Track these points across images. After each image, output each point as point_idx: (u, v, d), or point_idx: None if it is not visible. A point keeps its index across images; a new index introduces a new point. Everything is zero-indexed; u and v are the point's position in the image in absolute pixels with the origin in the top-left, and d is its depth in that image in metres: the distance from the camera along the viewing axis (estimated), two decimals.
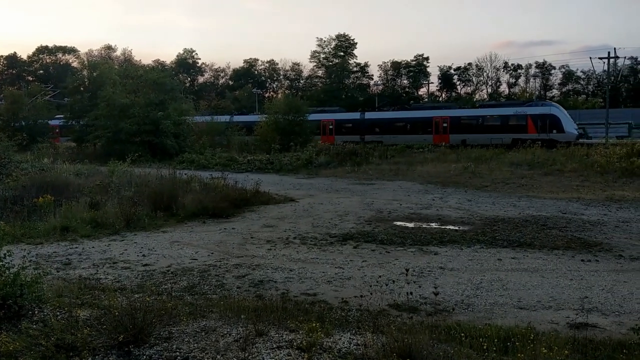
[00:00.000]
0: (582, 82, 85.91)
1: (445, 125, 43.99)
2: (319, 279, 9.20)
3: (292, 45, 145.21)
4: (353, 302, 7.75)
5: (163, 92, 40.05)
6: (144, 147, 36.32)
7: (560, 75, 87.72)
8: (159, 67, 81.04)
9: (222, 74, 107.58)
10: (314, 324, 5.98)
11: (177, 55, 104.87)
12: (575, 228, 13.55)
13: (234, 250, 11.48)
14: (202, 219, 15.29)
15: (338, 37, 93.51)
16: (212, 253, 11.26)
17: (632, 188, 21.13)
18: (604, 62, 48.64)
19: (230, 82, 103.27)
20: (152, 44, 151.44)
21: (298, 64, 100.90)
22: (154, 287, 8.30)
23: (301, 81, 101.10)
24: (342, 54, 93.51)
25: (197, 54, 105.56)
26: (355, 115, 50.60)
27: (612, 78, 65.84)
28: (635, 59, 78.44)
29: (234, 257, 10.89)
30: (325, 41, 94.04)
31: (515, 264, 10.09)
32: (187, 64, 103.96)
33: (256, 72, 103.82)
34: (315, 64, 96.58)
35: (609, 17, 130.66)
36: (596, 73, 77.34)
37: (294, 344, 5.70)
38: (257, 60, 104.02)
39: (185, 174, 21.45)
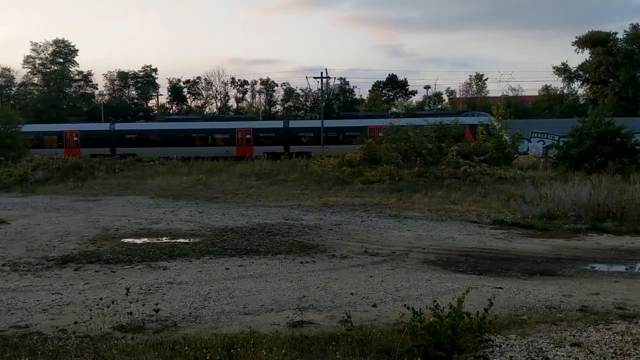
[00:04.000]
0: (301, 99, 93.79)
1: (380, 135, 41.53)
2: (33, 308, 8.28)
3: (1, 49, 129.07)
4: (72, 329, 7.15)
5: None
6: None
7: (282, 92, 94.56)
8: None
9: None
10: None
11: None
12: (296, 233, 14.66)
13: None
14: None
15: (56, 42, 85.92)
16: None
17: (343, 194, 23.72)
18: (318, 82, 54.08)
19: None
20: None
21: (9, 70, 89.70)
22: None
23: (13, 88, 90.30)
24: (61, 60, 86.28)
25: None
26: (278, 123, 47.72)
27: (326, 96, 73.39)
28: (344, 79, 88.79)
29: None
30: (41, 46, 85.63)
31: (242, 272, 10.48)
32: None
33: None
34: (29, 70, 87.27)
35: (322, 41, 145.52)
36: (312, 91, 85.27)
37: None
38: None
39: None
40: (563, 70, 79.35)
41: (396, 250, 12.43)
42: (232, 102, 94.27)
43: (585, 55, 77.41)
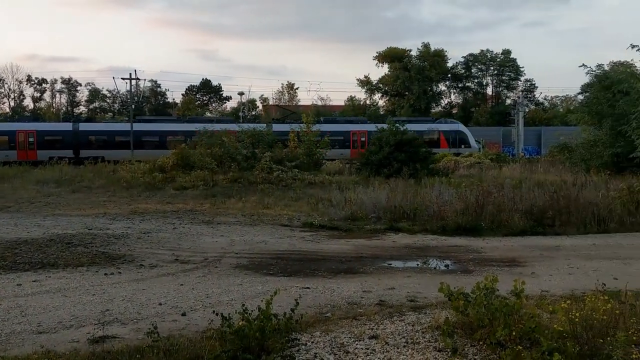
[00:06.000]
0: (108, 101, 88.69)
1: (363, 140, 42.48)
2: None
3: None
4: None
5: None
6: None
7: (87, 93, 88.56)
8: None
9: None
10: None
11: None
12: (101, 243, 13.77)
13: None
14: None
15: None
16: None
17: (154, 201, 22.90)
18: (127, 83, 51.65)
19: None
20: None
21: None
22: None
23: None
24: None
25: None
26: (261, 126, 42.24)
27: (136, 98, 70.40)
28: (155, 81, 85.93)
29: None
30: None
31: (36, 287, 9.56)
32: None
33: None
34: None
35: (132, 42, 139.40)
36: (120, 92, 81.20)
37: None
38: None
39: None
40: (365, 83, 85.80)
41: (209, 257, 12.30)
42: (28, 102, 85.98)
43: (384, 69, 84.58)
